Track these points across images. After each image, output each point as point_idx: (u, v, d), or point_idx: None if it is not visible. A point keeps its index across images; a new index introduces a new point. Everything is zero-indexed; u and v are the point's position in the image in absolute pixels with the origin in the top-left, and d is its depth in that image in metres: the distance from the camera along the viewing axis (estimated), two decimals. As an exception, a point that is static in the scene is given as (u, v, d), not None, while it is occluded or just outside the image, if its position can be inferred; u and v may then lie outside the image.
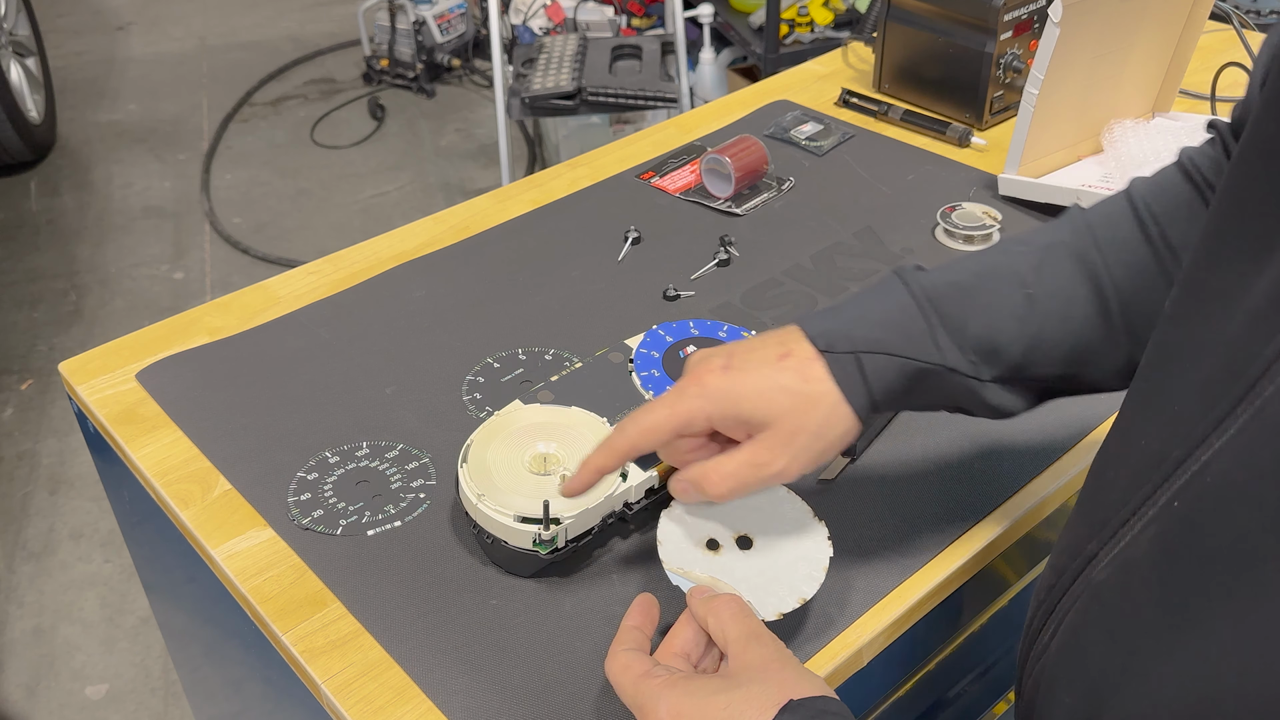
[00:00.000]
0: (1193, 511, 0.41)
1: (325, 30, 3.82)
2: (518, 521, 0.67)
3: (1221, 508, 0.39)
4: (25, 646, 1.78)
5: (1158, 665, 0.41)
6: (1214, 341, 0.42)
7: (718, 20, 2.77)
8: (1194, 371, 0.43)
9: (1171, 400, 0.44)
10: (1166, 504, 0.42)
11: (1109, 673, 0.44)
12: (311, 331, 0.92)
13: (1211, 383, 0.41)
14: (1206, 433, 0.40)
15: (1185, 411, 0.42)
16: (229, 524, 0.75)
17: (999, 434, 0.81)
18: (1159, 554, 0.42)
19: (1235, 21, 1.21)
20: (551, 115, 2.35)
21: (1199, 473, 0.40)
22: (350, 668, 0.65)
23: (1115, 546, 0.45)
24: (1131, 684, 0.42)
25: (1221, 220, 0.45)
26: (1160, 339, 0.47)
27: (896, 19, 1.22)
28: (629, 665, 0.57)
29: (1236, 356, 0.40)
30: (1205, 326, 0.43)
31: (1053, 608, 0.49)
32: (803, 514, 0.67)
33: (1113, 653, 0.44)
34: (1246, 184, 0.43)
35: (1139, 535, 0.44)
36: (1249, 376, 0.39)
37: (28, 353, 2.41)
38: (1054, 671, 0.49)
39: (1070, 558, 0.48)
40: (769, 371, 0.61)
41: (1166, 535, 0.42)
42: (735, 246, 1.01)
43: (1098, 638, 0.46)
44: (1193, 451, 0.41)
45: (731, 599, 0.60)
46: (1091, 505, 0.49)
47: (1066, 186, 1.02)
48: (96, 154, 3.15)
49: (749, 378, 0.61)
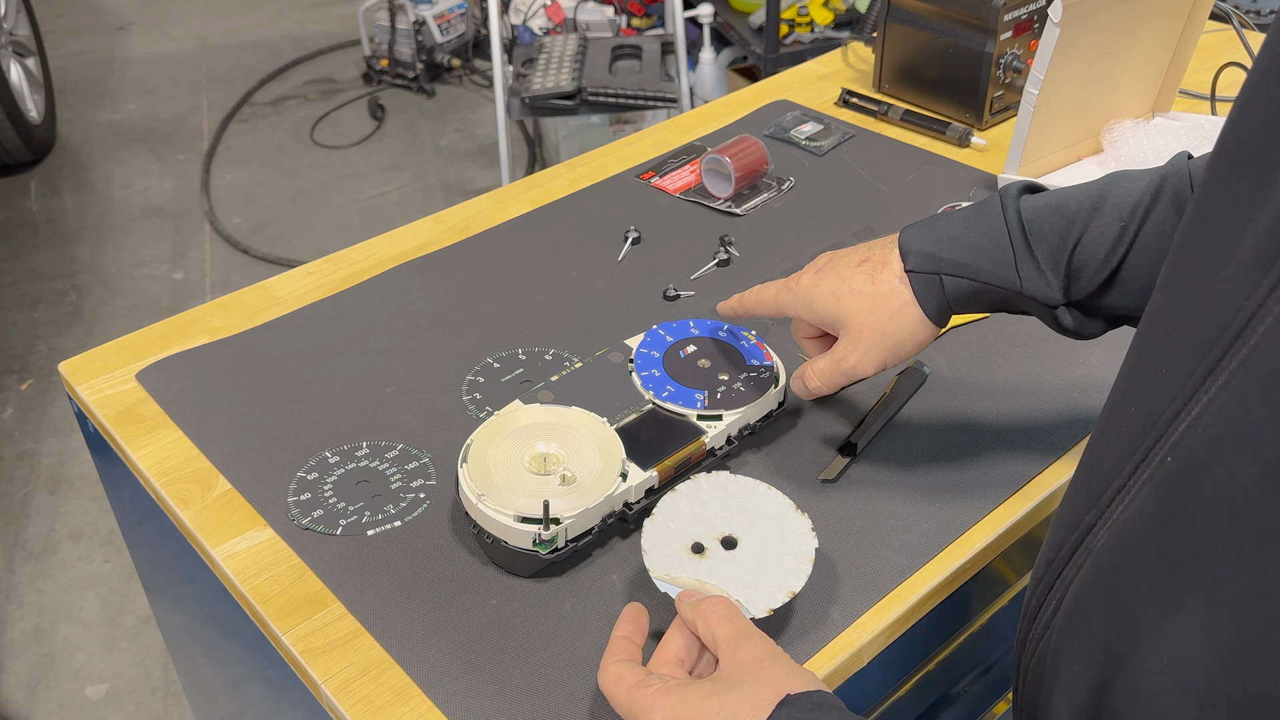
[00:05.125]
0: (1186, 465, 0.41)
1: (325, 30, 3.82)
2: (518, 521, 0.67)
3: (1215, 459, 0.39)
4: (25, 646, 1.78)
5: (1166, 621, 0.41)
6: (1201, 305, 0.42)
7: (718, 20, 2.77)
8: (1183, 335, 0.43)
9: (1161, 364, 0.44)
10: (1160, 462, 0.42)
11: (1119, 634, 0.44)
12: (311, 331, 0.92)
13: (1200, 343, 0.41)
14: (1195, 388, 0.41)
15: (1176, 374, 0.42)
16: (229, 524, 0.75)
17: (999, 434, 0.81)
18: (1155, 511, 0.42)
19: (1235, 21, 1.21)
20: (551, 115, 2.35)
21: (1190, 426, 0.41)
22: (350, 668, 0.65)
23: (1113, 512, 0.45)
24: (1143, 643, 0.42)
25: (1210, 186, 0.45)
26: (1151, 311, 0.48)
27: (896, 19, 1.22)
28: (622, 676, 0.57)
29: (1223, 313, 0.40)
30: (1193, 291, 0.43)
31: (1053, 582, 0.49)
32: (785, 508, 0.67)
33: (1118, 615, 0.44)
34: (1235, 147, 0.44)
35: (1135, 497, 0.44)
36: (1234, 328, 0.39)
37: (28, 353, 2.41)
38: (1060, 644, 0.49)
39: (1068, 531, 0.48)
40: (845, 275, 0.70)
41: (1161, 492, 0.42)
42: (735, 246, 1.01)
43: (1102, 603, 0.46)
44: (1184, 408, 0.41)
45: (719, 600, 0.60)
46: (1087, 477, 0.49)
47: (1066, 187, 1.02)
48: (96, 154, 3.15)
49: (827, 280, 0.70)
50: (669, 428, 0.75)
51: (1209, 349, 0.40)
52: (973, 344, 0.89)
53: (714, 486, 0.68)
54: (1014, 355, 0.87)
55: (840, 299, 0.69)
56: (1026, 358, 0.87)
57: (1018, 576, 0.87)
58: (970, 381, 0.85)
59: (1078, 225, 0.66)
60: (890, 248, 0.70)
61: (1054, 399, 0.84)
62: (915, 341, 0.69)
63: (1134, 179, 0.67)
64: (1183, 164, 0.66)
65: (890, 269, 0.69)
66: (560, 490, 0.69)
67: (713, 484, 0.68)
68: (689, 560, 0.64)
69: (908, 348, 0.69)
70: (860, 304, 0.69)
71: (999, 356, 0.87)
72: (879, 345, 0.69)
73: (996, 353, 0.88)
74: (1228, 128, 0.44)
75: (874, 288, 0.69)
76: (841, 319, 0.69)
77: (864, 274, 0.69)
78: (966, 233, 0.68)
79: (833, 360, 0.70)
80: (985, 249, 0.67)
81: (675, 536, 0.65)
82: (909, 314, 0.68)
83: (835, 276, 0.70)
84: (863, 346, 0.69)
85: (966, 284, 0.67)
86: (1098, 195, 0.67)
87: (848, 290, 0.69)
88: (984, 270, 0.67)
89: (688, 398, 0.77)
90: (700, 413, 0.76)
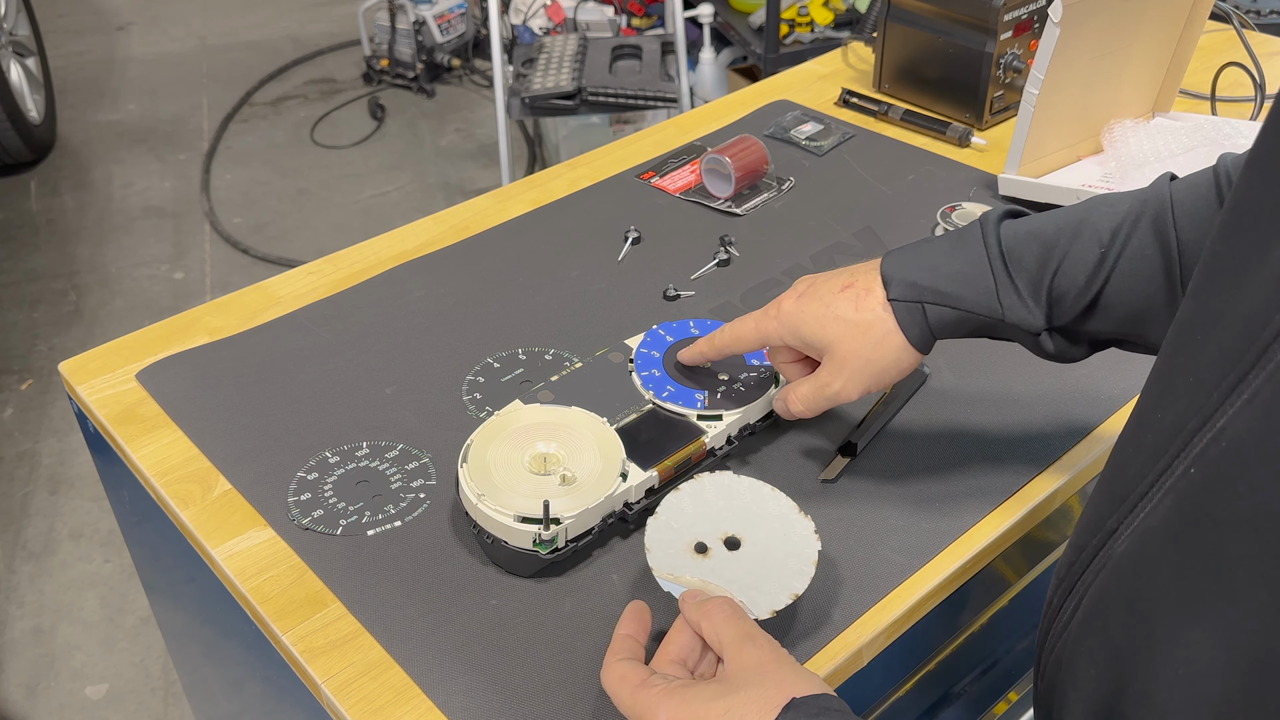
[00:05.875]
0: (1209, 477, 0.41)
1: (325, 30, 3.81)
2: (518, 521, 0.67)
3: (1238, 471, 0.39)
4: (25, 646, 1.78)
5: (1183, 632, 0.41)
6: (1231, 315, 0.42)
7: (718, 20, 2.77)
8: (1211, 345, 0.43)
9: (1189, 374, 0.44)
10: (1183, 473, 0.42)
11: (1135, 642, 0.44)
12: (311, 331, 0.92)
13: (1227, 354, 0.41)
14: (1221, 400, 0.40)
15: (1202, 383, 0.42)
16: (229, 524, 0.75)
17: (999, 434, 0.81)
18: (1177, 521, 0.42)
19: (1235, 21, 1.21)
20: (551, 115, 2.35)
21: (1214, 439, 0.40)
22: (350, 668, 0.65)
23: (1135, 519, 0.45)
24: (1158, 652, 0.42)
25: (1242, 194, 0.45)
26: (1180, 318, 0.48)
27: (896, 19, 1.22)
28: (625, 676, 0.57)
29: (1252, 326, 0.40)
30: (1222, 301, 0.43)
31: (1073, 584, 0.49)
32: (788, 510, 0.67)
33: (1135, 623, 0.44)
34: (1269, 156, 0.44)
35: (1157, 506, 0.44)
36: (1262, 341, 0.39)
37: (28, 353, 2.41)
38: (1076, 646, 0.49)
39: (1090, 535, 0.48)
40: (829, 301, 0.70)
41: (1184, 502, 0.42)
42: (735, 246, 1.01)
43: (1119, 609, 0.46)
44: (1209, 419, 0.41)
45: (724, 601, 0.60)
46: (1110, 482, 0.49)
47: (1066, 186, 1.02)
48: (96, 154, 3.15)
49: (811, 306, 0.70)
50: (669, 428, 0.75)
51: (1236, 361, 0.40)
52: (973, 345, 0.89)
53: (717, 486, 0.68)
54: (1014, 356, 0.87)
55: (824, 325, 0.69)
56: (1027, 358, 0.87)
57: (1018, 576, 0.87)
58: (970, 382, 0.85)
59: (1057, 252, 0.66)
60: (873, 274, 0.70)
61: (1054, 400, 0.84)
62: (899, 368, 0.70)
63: (1114, 203, 0.67)
64: (1164, 188, 0.66)
65: (874, 296, 0.69)
66: (560, 490, 0.69)
67: (716, 484, 0.68)
68: (692, 560, 0.64)
69: (891, 374, 0.70)
70: (844, 331, 0.69)
71: (999, 357, 0.87)
72: (863, 372, 0.69)
73: (997, 353, 0.88)
74: (1261, 136, 0.44)
75: (858, 315, 0.69)
76: (826, 345, 0.69)
77: (848, 300, 0.69)
78: (948, 261, 0.68)
79: (816, 386, 0.71)
80: (967, 277, 0.67)
81: (678, 536, 0.65)
82: (892, 341, 0.68)
83: (818, 302, 0.70)
84: (846, 373, 0.69)
85: (949, 312, 0.68)
86: (1077, 221, 0.67)
87: (831, 317, 0.69)
88: (966, 299, 0.67)
89: (688, 398, 0.77)
90: (700, 413, 0.76)
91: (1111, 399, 0.83)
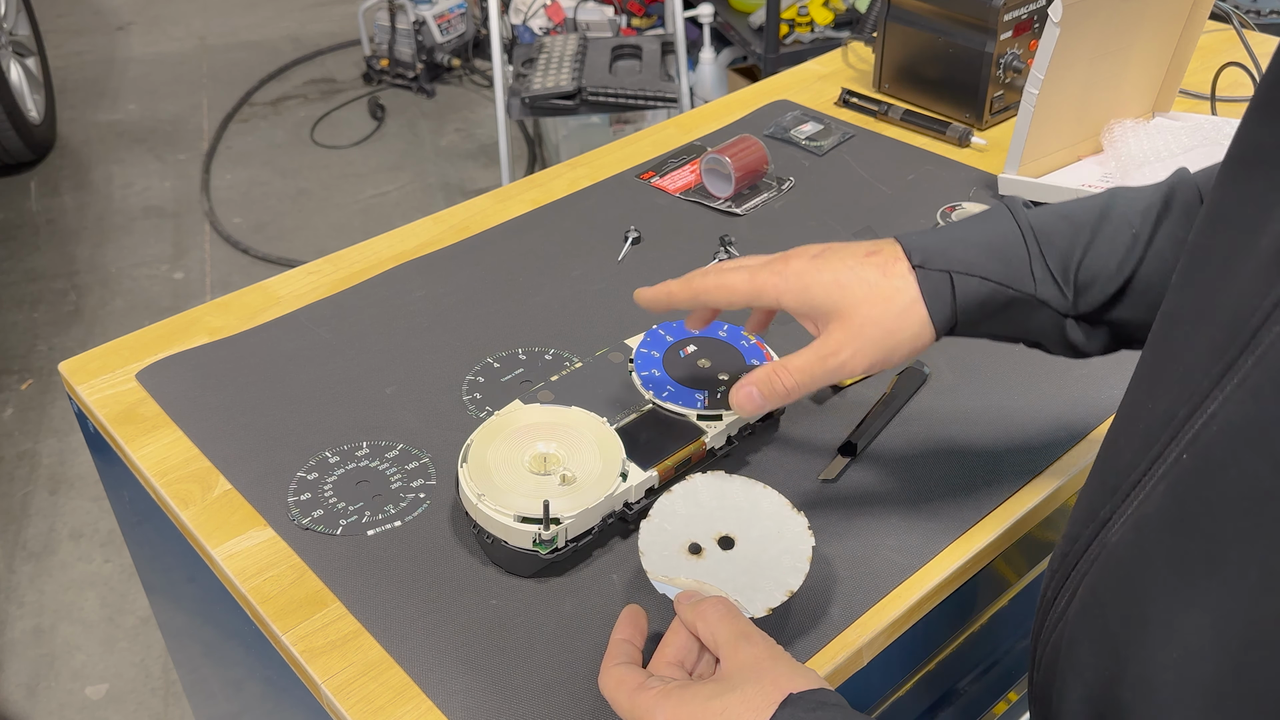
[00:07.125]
0: (1201, 462, 0.41)
1: (325, 30, 3.82)
2: (518, 521, 0.67)
3: (1230, 455, 0.39)
4: (25, 646, 1.78)
5: (1178, 617, 0.41)
6: (1218, 304, 0.42)
7: (718, 20, 2.77)
8: (1200, 334, 0.43)
9: (1178, 363, 0.44)
10: (1176, 459, 0.42)
11: (1131, 628, 0.44)
12: (311, 331, 0.92)
13: (1216, 341, 0.41)
14: (1211, 386, 0.41)
15: (1192, 371, 0.42)
16: (229, 524, 0.75)
17: (999, 434, 0.81)
18: (1171, 507, 0.42)
19: (1235, 21, 1.21)
20: (551, 115, 2.35)
21: (1206, 424, 0.41)
22: (350, 668, 0.65)
23: (1128, 507, 0.45)
24: (1154, 637, 0.43)
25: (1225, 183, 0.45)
26: (1166, 310, 0.48)
27: (896, 19, 1.22)
28: (623, 680, 0.57)
29: (1240, 312, 0.40)
30: (1209, 290, 0.43)
31: (1068, 575, 0.49)
32: (781, 507, 0.67)
33: (1131, 609, 0.44)
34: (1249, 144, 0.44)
35: (1151, 493, 0.44)
36: (1251, 327, 0.39)
37: (28, 353, 2.41)
38: (1073, 634, 0.49)
39: (1083, 525, 0.49)
40: (853, 264, 0.64)
41: (1177, 489, 0.42)
42: (735, 246, 1.01)
43: (1115, 595, 0.46)
44: (1200, 405, 0.41)
45: (718, 601, 0.60)
46: (1102, 473, 0.49)
47: (1066, 186, 1.02)
48: (96, 154, 3.15)
49: (829, 265, 0.64)
50: (669, 428, 0.75)
51: (1225, 348, 0.40)
52: (973, 345, 0.89)
53: (710, 486, 0.68)
54: (1015, 357, 0.87)
55: (845, 287, 0.63)
56: (1027, 359, 0.87)
57: (1018, 576, 0.87)
58: (971, 381, 0.85)
59: (1085, 232, 0.64)
60: (896, 246, 0.65)
61: (1055, 399, 0.84)
62: (913, 346, 0.64)
63: (1137, 191, 0.66)
64: (1187, 174, 0.65)
65: (902, 264, 0.64)
66: (560, 490, 0.69)
67: (708, 484, 0.68)
68: (686, 561, 0.64)
69: (904, 350, 0.64)
70: (867, 294, 0.63)
71: (999, 358, 0.87)
72: (878, 343, 0.63)
73: (997, 354, 0.88)
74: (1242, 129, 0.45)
75: (885, 280, 0.63)
76: (841, 309, 0.63)
77: (874, 265, 0.64)
78: (977, 233, 0.65)
79: (819, 355, 0.63)
80: (998, 247, 0.64)
81: (672, 537, 0.65)
82: (915, 313, 0.63)
83: (840, 264, 0.64)
84: (859, 342, 0.63)
85: (979, 286, 0.63)
86: (1103, 206, 0.66)
87: (856, 279, 0.63)
88: (997, 270, 0.63)
89: (688, 398, 0.77)
90: (700, 413, 0.76)
91: (1111, 401, 0.83)
